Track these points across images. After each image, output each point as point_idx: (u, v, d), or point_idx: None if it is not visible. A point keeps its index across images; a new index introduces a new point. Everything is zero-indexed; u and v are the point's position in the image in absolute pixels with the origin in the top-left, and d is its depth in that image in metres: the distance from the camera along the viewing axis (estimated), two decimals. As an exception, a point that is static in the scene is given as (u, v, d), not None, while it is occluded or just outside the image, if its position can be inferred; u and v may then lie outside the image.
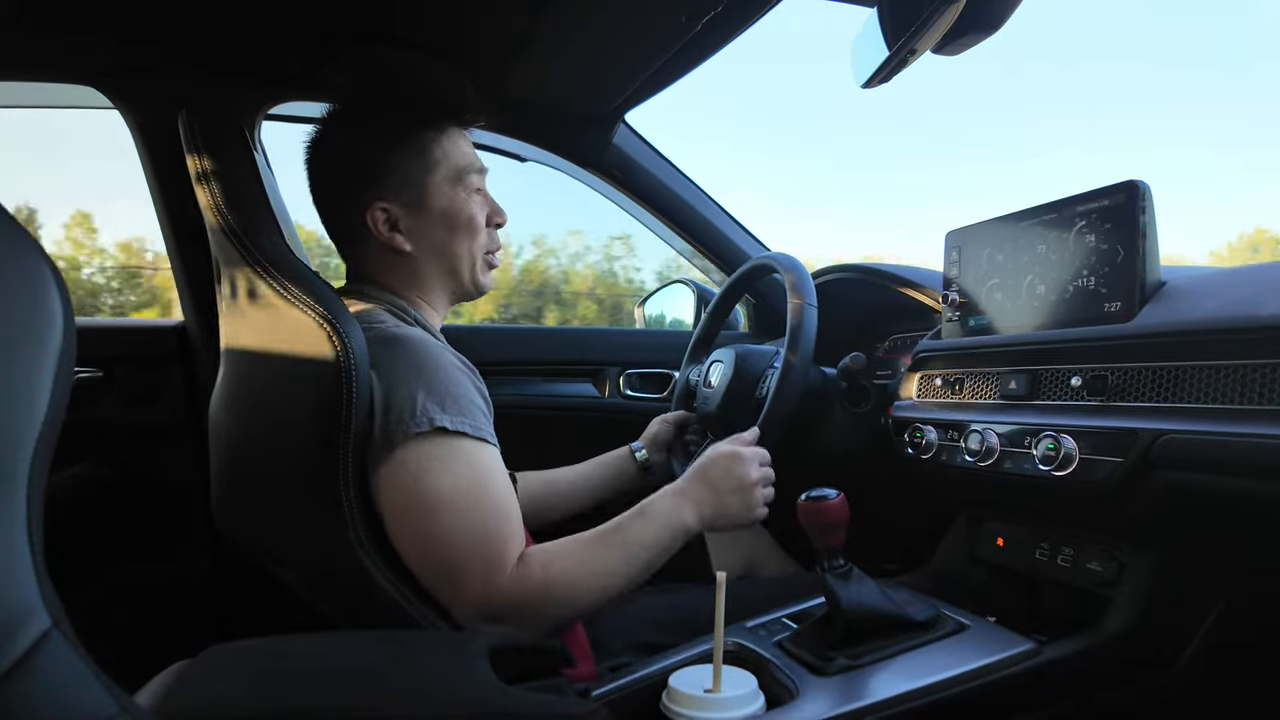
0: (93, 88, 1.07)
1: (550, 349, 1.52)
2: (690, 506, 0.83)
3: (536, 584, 0.73)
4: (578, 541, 0.78)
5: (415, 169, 0.86)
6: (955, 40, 0.67)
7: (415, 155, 0.86)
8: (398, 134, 0.86)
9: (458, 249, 0.89)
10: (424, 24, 1.06)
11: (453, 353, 0.81)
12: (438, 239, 0.88)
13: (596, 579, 0.76)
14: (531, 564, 0.74)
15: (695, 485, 0.85)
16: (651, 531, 0.80)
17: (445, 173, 0.87)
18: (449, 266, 0.89)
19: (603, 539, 0.78)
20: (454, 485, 0.73)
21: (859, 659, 0.74)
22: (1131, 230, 0.77)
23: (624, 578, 0.78)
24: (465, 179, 0.88)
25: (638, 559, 0.79)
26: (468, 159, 0.89)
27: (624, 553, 0.78)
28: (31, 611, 0.30)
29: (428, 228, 0.87)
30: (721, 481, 0.85)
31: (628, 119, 1.38)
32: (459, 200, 0.88)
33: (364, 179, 0.86)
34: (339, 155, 0.87)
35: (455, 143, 0.89)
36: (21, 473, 0.30)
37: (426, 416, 0.73)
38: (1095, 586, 0.82)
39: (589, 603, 0.77)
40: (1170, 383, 0.70)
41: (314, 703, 0.51)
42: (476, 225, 0.89)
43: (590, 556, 0.77)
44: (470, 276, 0.91)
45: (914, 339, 1.20)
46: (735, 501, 0.85)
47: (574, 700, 0.59)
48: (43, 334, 0.32)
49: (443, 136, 0.88)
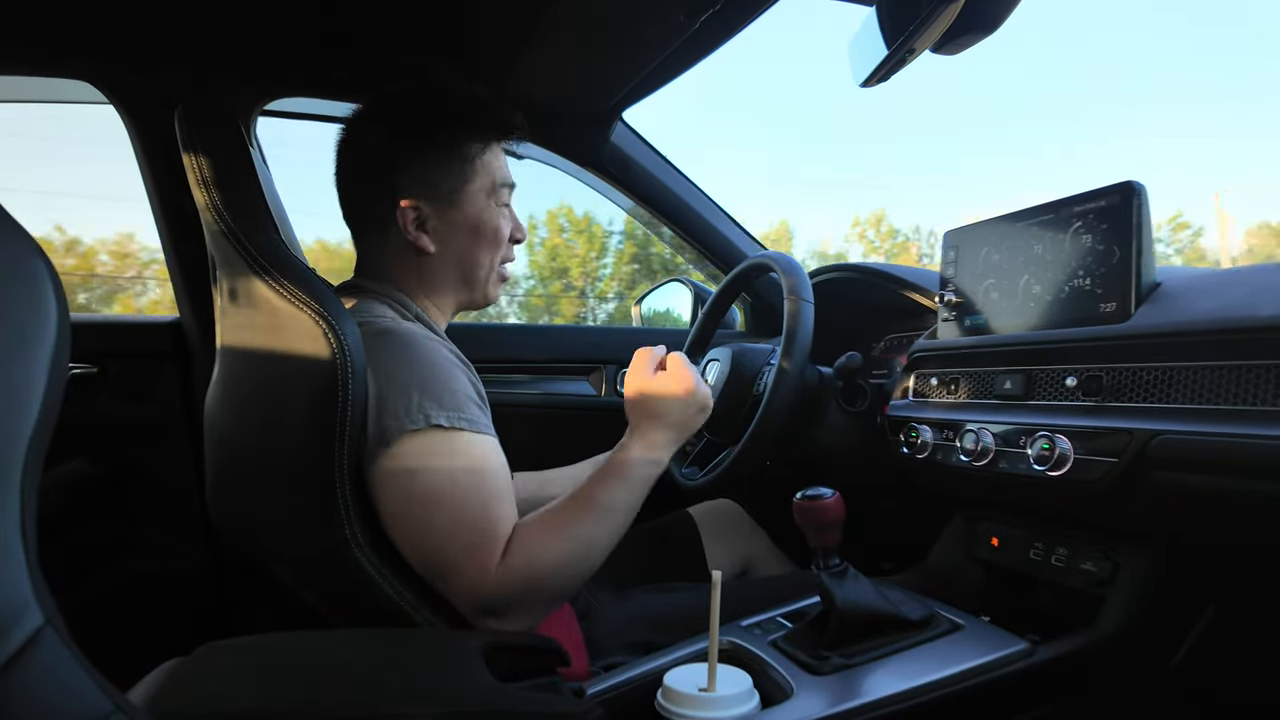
0: (88, 83, 1.07)
1: (547, 347, 1.52)
2: (652, 450, 0.82)
3: (521, 568, 0.73)
4: (548, 514, 0.77)
5: (455, 176, 0.87)
6: (954, 40, 0.67)
7: (457, 162, 0.87)
8: (443, 139, 0.87)
9: (479, 257, 0.90)
10: (423, 22, 1.06)
11: (445, 345, 0.81)
12: (462, 245, 0.89)
13: (579, 548, 0.76)
14: (512, 552, 0.73)
15: (645, 430, 0.83)
16: (623, 490, 0.79)
17: (482, 184, 0.89)
18: (466, 273, 0.90)
19: (572, 508, 0.78)
20: (451, 481, 0.73)
21: (854, 658, 0.74)
22: (1127, 231, 0.78)
23: (606, 539, 0.78)
24: (498, 193, 0.90)
25: (613, 516, 0.78)
26: (503, 174, 0.91)
27: (597, 516, 0.77)
28: (24, 609, 0.30)
29: (455, 233, 0.88)
30: (662, 409, 0.84)
31: (625, 117, 1.38)
32: (489, 211, 0.89)
33: (398, 173, 0.86)
34: (372, 146, 0.88)
35: (496, 157, 0.91)
36: (15, 468, 0.30)
37: (423, 414, 0.73)
38: (1089, 586, 0.82)
39: (580, 571, 0.76)
40: (1165, 383, 0.70)
41: (308, 700, 0.51)
42: (501, 237, 0.91)
43: (565, 526, 0.76)
44: (484, 286, 0.92)
45: (910, 338, 1.20)
46: (686, 414, 0.85)
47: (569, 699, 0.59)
48: (37, 328, 0.32)
49: (487, 150, 0.89)
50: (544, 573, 0.74)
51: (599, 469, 0.81)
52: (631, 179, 1.43)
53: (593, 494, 0.78)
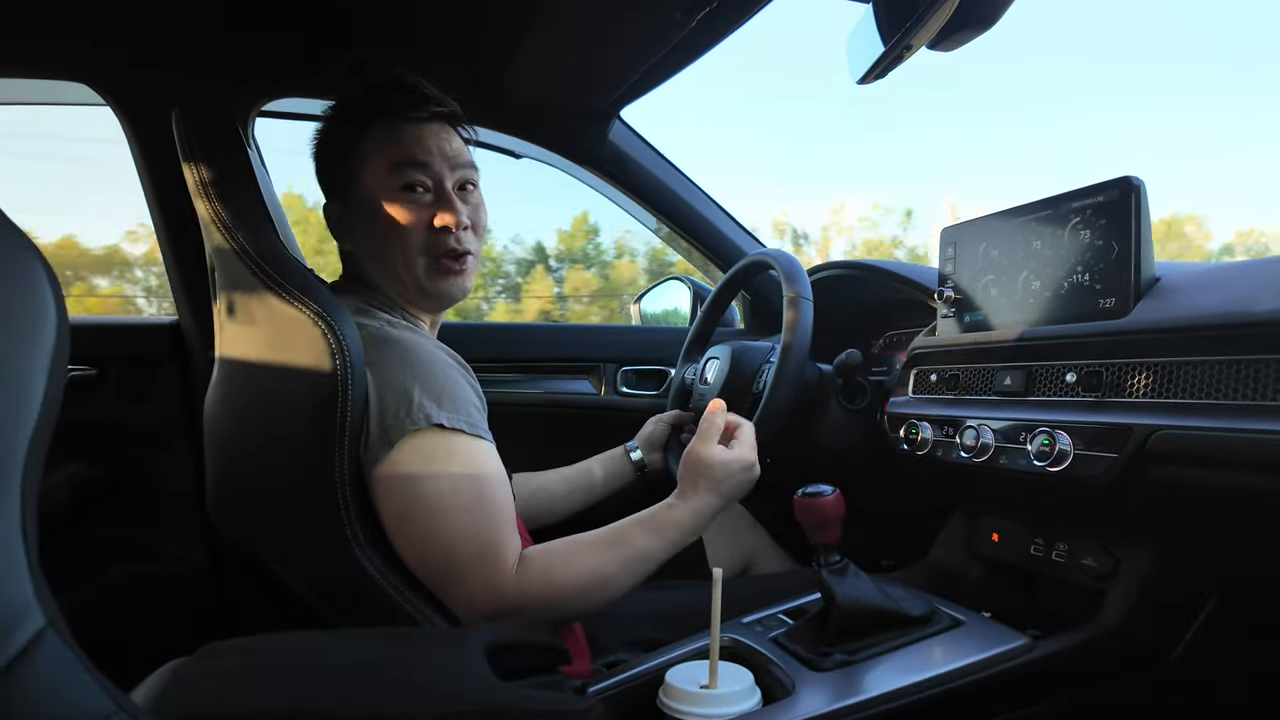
0: (85, 85, 1.07)
1: (546, 346, 1.52)
2: (700, 517, 0.83)
3: (538, 588, 0.74)
4: (579, 546, 0.78)
5: (344, 167, 0.86)
6: (950, 36, 0.67)
7: (344, 151, 0.86)
8: (333, 133, 0.88)
9: (387, 250, 0.84)
10: (420, 21, 1.06)
11: (444, 350, 0.81)
12: (366, 238, 0.86)
13: (598, 585, 0.77)
14: (532, 567, 0.74)
15: (700, 495, 0.84)
16: (658, 545, 0.80)
17: (373, 169, 0.84)
18: (387, 268, 0.85)
19: (605, 547, 0.79)
20: (452, 483, 0.73)
21: (855, 654, 0.74)
22: (1126, 226, 0.78)
23: (624, 585, 0.79)
24: (397, 174, 0.83)
25: (640, 568, 0.80)
26: (399, 154, 0.84)
27: (626, 563, 0.78)
28: (26, 610, 0.30)
29: (357, 226, 0.86)
30: (724, 481, 0.85)
31: (623, 115, 1.38)
32: (386, 197, 0.83)
33: (320, 177, 0.89)
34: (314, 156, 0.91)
35: (389, 137, 0.84)
36: (15, 471, 0.30)
37: (423, 413, 0.73)
38: (1090, 581, 0.82)
39: (588, 607, 0.78)
40: (1165, 378, 0.70)
41: (310, 701, 0.51)
42: (401, 224, 0.83)
43: (592, 564, 0.77)
44: (412, 280, 0.85)
45: (909, 335, 1.20)
46: (742, 488, 0.86)
47: (572, 696, 0.59)
48: (36, 331, 0.32)
49: (368, 130, 0.84)
50: (559, 599, 0.75)
51: (641, 518, 0.82)
52: (630, 177, 1.43)
53: (630, 540, 0.79)
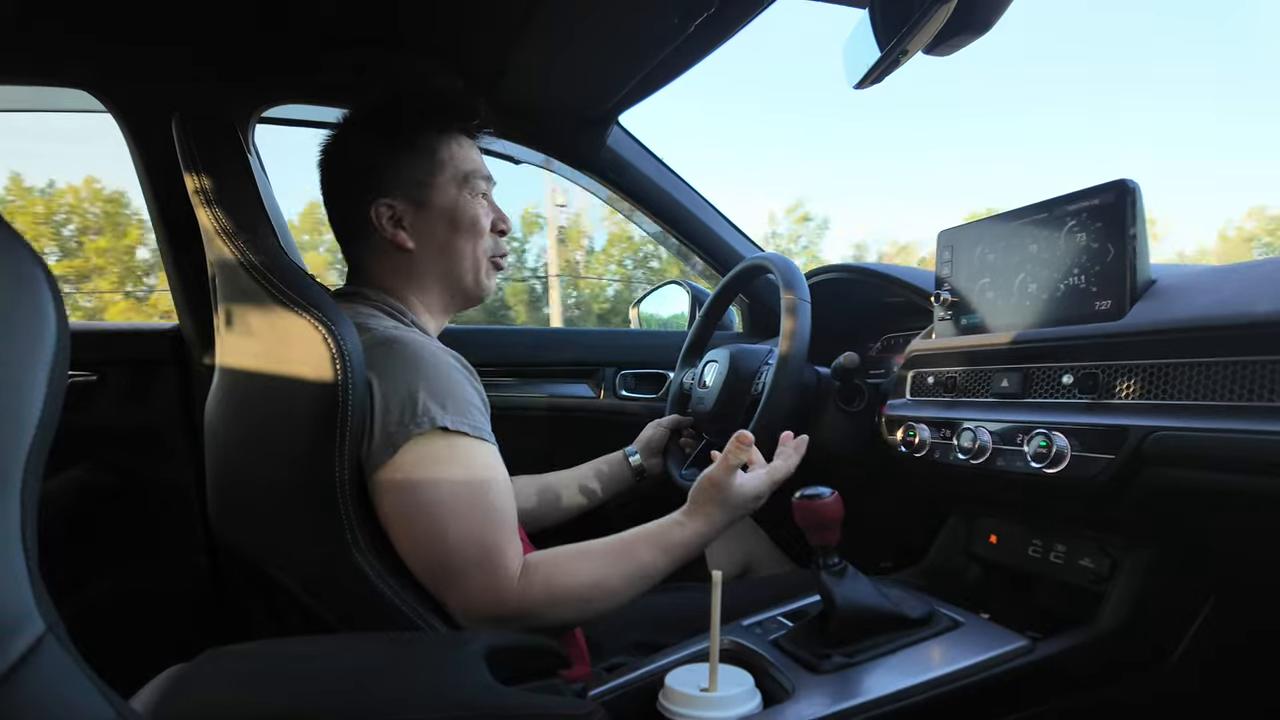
0: (85, 91, 1.07)
1: (545, 350, 1.52)
2: (705, 537, 0.84)
3: (539, 596, 0.74)
4: (584, 557, 0.78)
5: (422, 169, 0.87)
6: (946, 41, 0.67)
7: (422, 156, 0.88)
8: (405, 136, 0.88)
9: (460, 248, 0.89)
10: (419, 26, 1.06)
11: (449, 353, 0.81)
12: (440, 237, 0.88)
13: (600, 597, 0.77)
14: (535, 575, 0.74)
15: (710, 515, 0.85)
16: (663, 562, 0.81)
17: (451, 174, 0.88)
18: (450, 266, 0.90)
19: (610, 558, 0.79)
20: (454, 487, 0.73)
21: (854, 656, 0.74)
22: (1121, 229, 0.78)
23: (625, 599, 0.79)
24: (471, 183, 0.89)
25: (642, 584, 0.80)
26: (474, 164, 0.90)
27: (630, 577, 0.79)
28: (26, 616, 0.30)
29: (431, 225, 0.88)
30: (737, 508, 0.86)
31: (621, 121, 1.38)
32: (463, 201, 0.89)
33: (371, 176, 0.88)
34: (345, 154, 0.90)
35: (463, 148, 0.90)
36: (15, 476, 0.30)
37: (428, 416, 0.73)
38: (1088, 583, 0.82)
39: (589, 616, 0.78)
40: (1161, 380, 0.71)
41: (311, 706, 0.51)
42: (480, 227, 0.90)
43: (597, 575, 0.77)
44: (474, 278, 0.91)
45: (907, 338, 1.20)
46: (750, 510, 0.88)
47: (572, 700, 0.59)
48: (36, 336, 0.32)
49: (450, 140, 0.89)
50: (560, 607, 0.75)
51: (649, 532, 0.82)
52: (628, 182, 1.44)
53: (636, 554, 0.80)
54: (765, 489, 0.88)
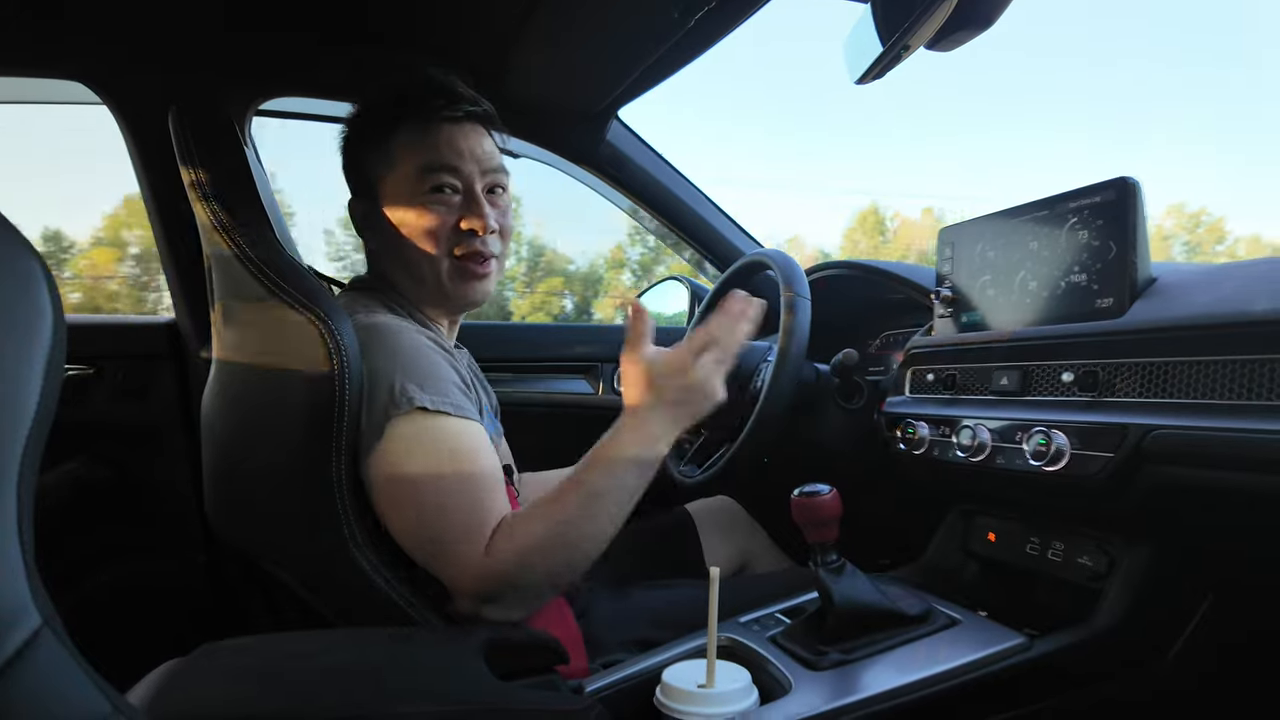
0: (81, 83, 1.06)
1: (544, 346, 1.52)
2: (638, 432, 0.76)
3: (507, 553, 0.71)
4: (536, 504, 0.74)
5: (380, 165, 0.86)
6: (948, 36, 0.67)
7: (379, 152, 0.86)
8: (365, 131, 0.88)
9: (411, 250, 0.84)
10: (419, 22, 1.06)
11: (428, 334, 0.81)
12: (391, 238, 0.86)
13: (559, 534, 0.72)
14: (499, 535, 0.72)
15: (647, 409, 0.77)
16: (614, 478, 0.74)
17: (404, 170, 0.84)
18: (409, 269, 0.86)
19: (558, 494, 0.74)
20: (439, 464, 0.73)
21: (852, 654, 0.74)
22: (1123, 226, 0.78)
23: (589, 531, 0.73)
24: (430, 176, 0.83)
25: (597, 506, 0.73)
26: (430, 155, 0.84)
27: (581, 504, 0.73)
28: (22, 610, 0.30)
29: (382, 225, 0.86)
30: (664, 388, 0.77)
31: (621, 115, 1.38)
32: (416, 200, 0.84)
33: (349, 176, 0.90)
34: (341, 152, 0.92)
35: (421, 138, 0.84)
36: (12, 470, 0.30)
37: (406, 397, 0.73)
38: (1086, 581, 0.82)
39: (562, 561, 0.73)
40: (1161, 378, 0.71)
41: (307, 701, 0.51)
42: (427, 226, 0.83)
43: (548, 512, 0.73)
44: (435, 282, 0.86)
45: (906, 335, 1.20)
46: (692, 397, 0.78)
47: (569, 696, 0.59)
48: (32, 329, 0.32)
49: (401, 131, 0.85)
50: (529, 558, 0.71)
51: (585, 457, 0.77)
52: (628, 177, 1.44)
53: (577, 478, 0.75)
54: (685, 356, 0.77)
